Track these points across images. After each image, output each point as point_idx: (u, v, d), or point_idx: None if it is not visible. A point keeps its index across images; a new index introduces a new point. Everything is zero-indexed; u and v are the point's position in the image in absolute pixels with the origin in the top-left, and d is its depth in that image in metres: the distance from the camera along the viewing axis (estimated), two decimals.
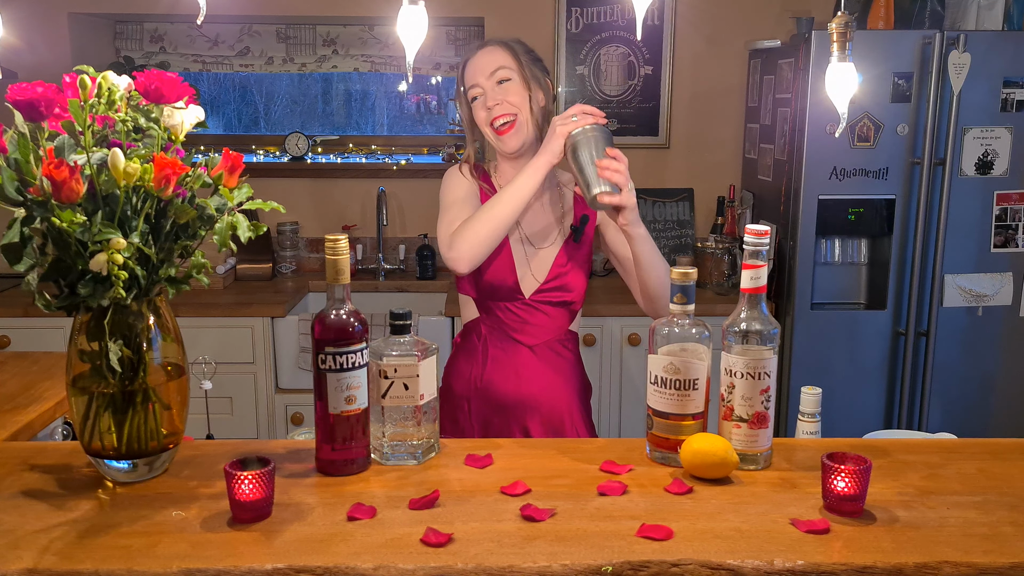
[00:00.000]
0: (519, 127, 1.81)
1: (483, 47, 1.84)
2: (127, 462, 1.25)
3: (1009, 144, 2.93)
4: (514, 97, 1.80)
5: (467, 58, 1.84)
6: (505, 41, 1.85)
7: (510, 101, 1.79)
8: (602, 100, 3.58)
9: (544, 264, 1.87)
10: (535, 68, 1.84)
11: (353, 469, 1.31)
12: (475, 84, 1.82)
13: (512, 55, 1.82)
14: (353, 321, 1.28)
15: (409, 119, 4.11)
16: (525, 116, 1.81)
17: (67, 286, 1.18)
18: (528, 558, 1.06)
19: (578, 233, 1.87)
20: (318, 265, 3.67)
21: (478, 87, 1.81)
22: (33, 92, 1.13)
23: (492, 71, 1.80)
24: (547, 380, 1.87)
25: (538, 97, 1.83)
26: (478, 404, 1.87)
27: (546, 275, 1.86)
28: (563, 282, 1.86)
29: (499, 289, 1.86)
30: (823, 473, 1.18)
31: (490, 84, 1.80)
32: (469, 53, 1.85)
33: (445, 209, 1.84)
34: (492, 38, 1.88)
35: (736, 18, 3.50)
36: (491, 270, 1.85)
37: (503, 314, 1.87)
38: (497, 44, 1.84)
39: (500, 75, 1.80)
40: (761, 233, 1.29)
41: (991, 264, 3.01)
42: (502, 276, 1.85)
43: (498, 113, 1.79)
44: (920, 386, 3.04)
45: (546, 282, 1.86)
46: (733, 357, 1.32)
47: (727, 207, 3.48)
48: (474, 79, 1.82)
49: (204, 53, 3.69)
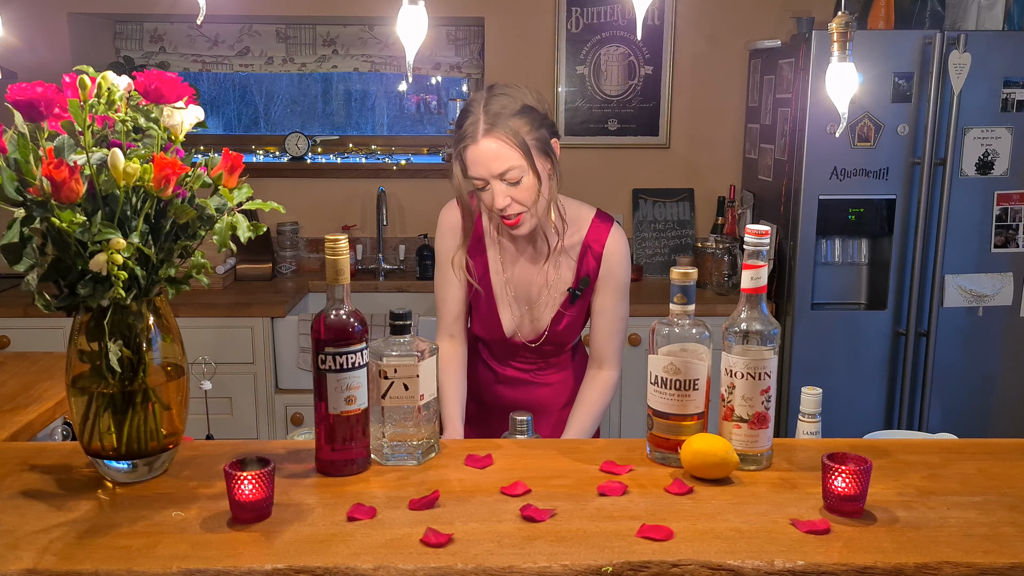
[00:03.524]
0: (527, 219, 1.68)
1: (488, 133, 1.60)
2: (127, 462, 1.25)
3: (1009, 144, 2.93)
4: (524, 194, 1.64)
5: (467, 144, 1.62)
6: (511, 127, 1.60)
7: (520, 200, 1.64)
8: (602, 100, 3.58)
9: (538, 324, 1.82)
10: (543, 147, 1.65)
11: (353, 469, 1.31)
12: (480, 177, 1.64)
13: (520, 149, 1.60)
14: (353, 321, 1.28)
15: (409, 119, 4.11)
16: (535, 205, 1.67)
17: (67, 286, 1.18)
18: (528, 558, 1.06)
19: (575, 297, 1.79)
20: (318, 265, 3.67)
21: (483, 180, 1.64)
22: (33, 92, 1.13)
23: (501, 172, 1.61)
24: (548, 389, 1.88)
25: (547, 172, 1.67)
26: (480, 409, 1.87)
27: (539, 334, 1.82)
28: (556, 341, 1.83)
29: (489, 341, 1.86)
30: (823, 473, 1.18)
31: (497, 181, 1.62)
32: (469, 137, 1.62)
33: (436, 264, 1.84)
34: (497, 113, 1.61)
35: (736, 18, 3.50)
36: (481, 326, 1.84)
37: (496, 347, 1.87)
38: (503, 136, 1.60)
39: (510, 176, 1.61)
40: (761, 233, 1.29)
41: (991, 264, 3.01)
42: (492, 333, 1.83)
43: (507, 213, 1.66)
44: (920, 386, 3.04)
45: (537, 338, 1.83)
46: (733, 357, 1.32)
47: (727, 207, 3.48)
48: (477, 171, 1.63)
49: (204, 53, 3.69)
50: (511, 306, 1.81)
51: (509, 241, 1.80)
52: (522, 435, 1.53)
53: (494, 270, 1.81)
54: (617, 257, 1.78)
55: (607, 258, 1.77)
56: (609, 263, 1.77)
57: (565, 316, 1.80)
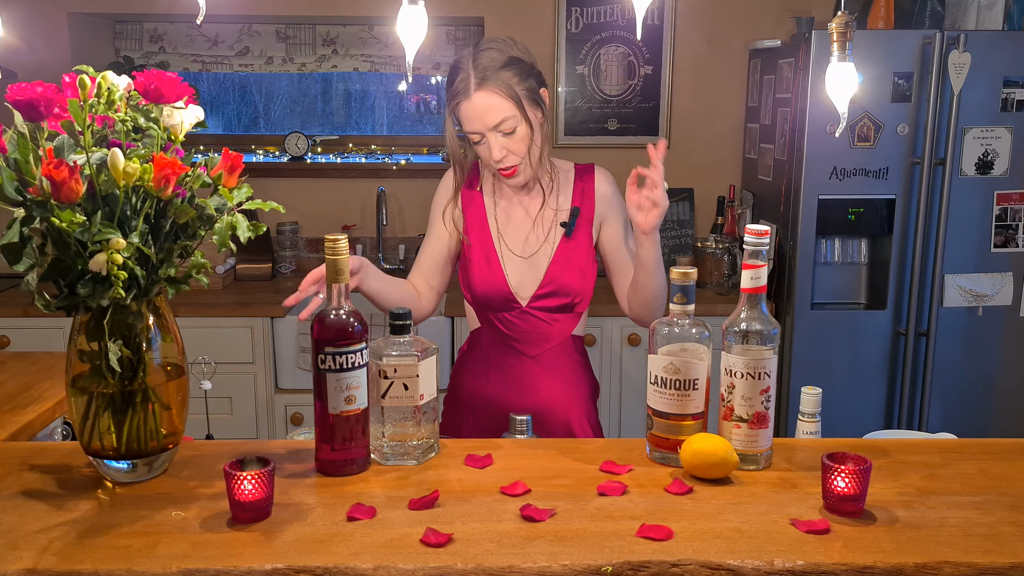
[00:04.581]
0: (524, 167, 1.74)
1: (480, 88, 1.66)
2: (127, 462, 1.25)
3: (1009, 144, 2.93)
4: (519, 144, 1.71)
5: (460, 100, 1.69)
6: (501, 79, 1.67)
7: (515, 151, 1.71)
8: (602, 100, 3.58)
9: (538, 270, 1.82)
10: (533, 97, 1.71)
11: (353, 469, 1.31)
12: (474, 131, 1.71)
13: (512, 100, 1.67)
14: (353, 321, 1.28)
15: (409, 119, 4.10)
16: (529, 155, 1.73)
17: (67, 286, 1.18)
18: (528, 558, 1.06)
19: (569, 228, 1.81)
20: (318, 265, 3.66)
21: (478, 134, 1.71)
22: (33, 92, 1.13)
23: (495, 124, 1.67)
24: (554, 390, 1.83)
25: (538, 121, 1.73)
26: (484, 416, 1.85)
27: (540, 281, 1.81)
28: (559, 286, 1.81)
29: (494, 300, 1.82)
30: (823, 473, 1.18)
31: (492, 134, 1.69)
32: (462, 94, 1.68)
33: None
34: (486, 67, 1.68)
35: (736, 18, 3.50)
36: (483, 282, 1.82)
37: (502, 325, 1.83)
38: (495, 88, 1.66)
39: (505, 127, 1.68)
40: (761, 233, 1.29)
41: (991, 264, 3.01)
42: (495, 287, 1.81)
43: (504, 164, 1.72)
44: (920, 386, 3.04)
45: (541, 287, 1.81)
46: (733, 357, 1.32)
47: (727, 207, 3.48)
48: (472, 126, 1.70)
49: (204, 53, 3.69)
50: (510, 259, 1.83)
51: (503, 196, 1.85)
52: (522, 435, 1.53)
53: (491, 224, 1.85)
54: (609, 183, 1.86)
55: (599, 191, 1.84)
56: (603, 194, 1.84)
57: (563, 256, 1.81)
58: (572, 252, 1.82)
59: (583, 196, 1.84)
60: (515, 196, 1.85)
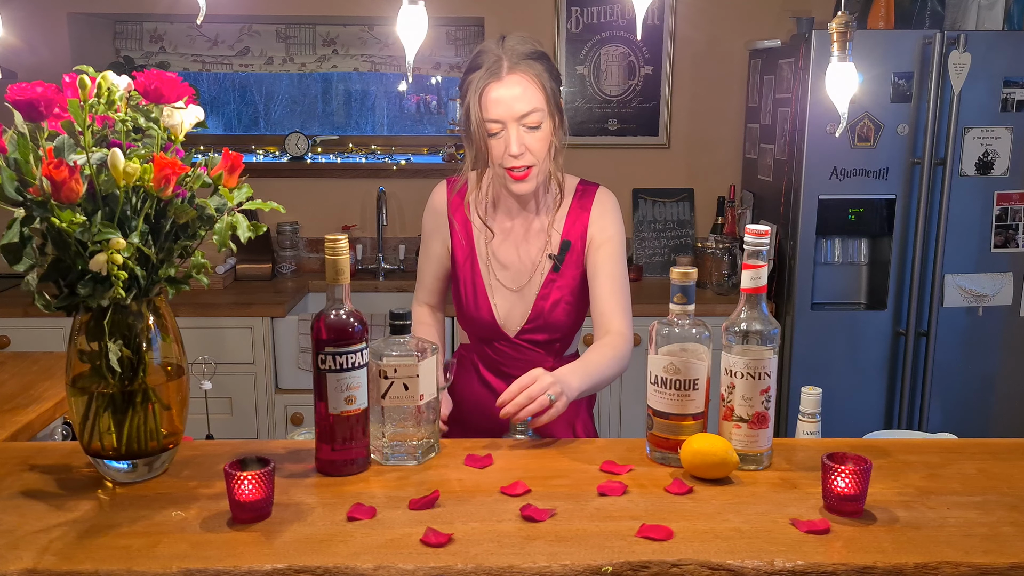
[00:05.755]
0: (535, 174, 1.64)
1: (513, 71, 1.58)
2: (127, 462, 1.25)
3: (1009, 144, 2.93)
4: (540, 145, 1.61)
5: (489, 82, 1.58)
6: (534, 68, 1.60)
7: (533, 150, 1.61)
8: (602, 100, 3.58)
9: (526, 303, 1.75)
10: (558, 100, 1.64)
11: (353, 469, 1.31)
12: (498, 120, 1.59)
13: (543, 91, 1.59)
14: (353, 321, 1.28)
15: (409, 119, 4.10)
16: (544, 162, 1.64)
17: (67, 286, 1.18)
18: (528, 558, 1.06)
19: (558, 264, 1.73)
20: (318, 265, 3.67)
21: (500, 124, 1.60)
22: (33, 92, 1.13)
23: (523, 113, 1.58)
24: None
25: (559, 132, 1.65)
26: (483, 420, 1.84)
27: (528, 315, 1.76)
28: (546, 322, 1.75)
29: (482, 328, 1.79)
30: (823, 473, 1.18)
31: (516, 126, 1.59)
32: (492, 74, 1.58)
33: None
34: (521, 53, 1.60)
35: (736, 18, 3.50)
36: (471, 312, 1.78)
37: (491, 351, 1.81)
38: (528, 74, 1.59)
39: (531, 120, 1.59)
40: (761, 233, 1.29)
41: (991, 264, 3.01)
42: (482, 319, 1.78)
43: (520, 163, 1.62)
44: (920, 386, 3.04)
45: (529, 322, 1.76)
46: (733, 357, 1.32)
47: (727, 207, 3.48)
48: (498, 114, 1.58)
49: (204, 53, 3.69)
50: (499, 290, 1.77)
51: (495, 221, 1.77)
52: (522, 435, 1.53)
53: (480, 253, 1.78)
54: (606, 211, 1.74)
55: (596, 215, 1.73)
56: (600, 221, 1.73)
57: (551, 291, 1.74)
58: (560, 286, 1.75)
59: (575, 225, 1.74)
60: (508, 220, 1.77)
